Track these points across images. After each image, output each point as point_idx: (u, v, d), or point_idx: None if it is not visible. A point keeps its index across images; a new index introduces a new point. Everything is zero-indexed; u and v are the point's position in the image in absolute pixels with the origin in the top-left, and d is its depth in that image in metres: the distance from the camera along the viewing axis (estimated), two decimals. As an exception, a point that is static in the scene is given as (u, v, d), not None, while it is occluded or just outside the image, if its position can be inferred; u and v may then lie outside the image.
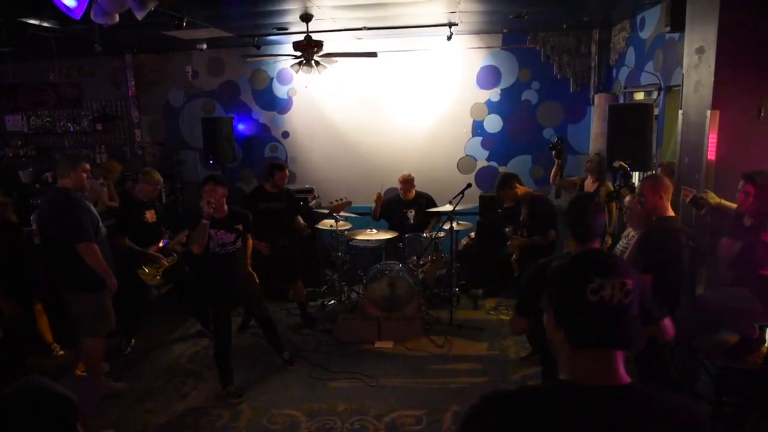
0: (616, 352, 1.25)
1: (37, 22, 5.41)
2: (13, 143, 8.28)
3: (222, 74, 7.97)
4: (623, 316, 1.22)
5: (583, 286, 1.22)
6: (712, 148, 3.88)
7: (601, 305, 1.21)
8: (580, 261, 1.28)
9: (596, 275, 1.22)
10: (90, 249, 4.11)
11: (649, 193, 3.60)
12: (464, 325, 5.86)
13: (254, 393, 4.64)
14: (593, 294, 1.21)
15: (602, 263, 1.26)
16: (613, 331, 1.22)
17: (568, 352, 1.27)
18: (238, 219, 4.62)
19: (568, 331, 1.26)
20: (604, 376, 1.24)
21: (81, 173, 4.23)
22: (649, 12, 5.75)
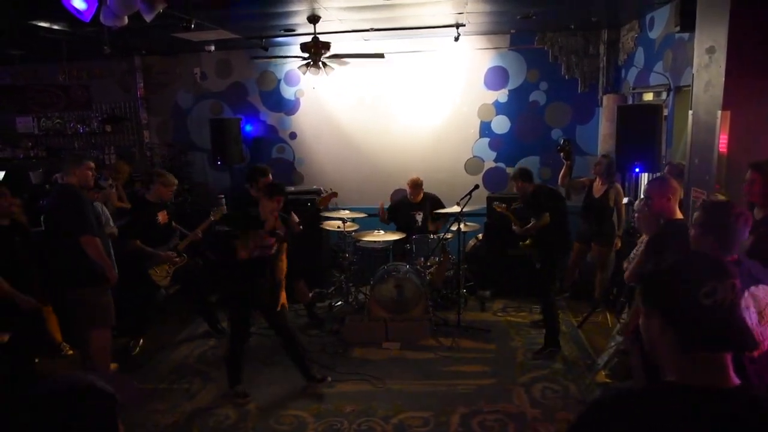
0: (726, 354, 1.24)
1: (47, 24, 5.45)
2: (24, 144, 8.35)
3: (230, 76, 8.00)
4: (735, 317, 1.22)
5: (697, 290, 1.21)
6: (722, 148, 3.84)
7: (715, 308, 1.20)
8: (691, 264, 1.29)
9: (709, 278, 1.21)
10: (93, 242, 4.22)
11: (656, 195, 3.57)
12: (472, 326, 5.84)
13: (261, 393, 4.64)
14: (707, 297, 1.20)
15: (714, 266, 1.25)
16: (728, 334, 1.22)
17: (677, 355, 1.26)
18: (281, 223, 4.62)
19: (680, 335, 1.24)
20: (717, 378, 1.23)
21: (86, 171, 4.37)
22: (658, 12, 5.71)
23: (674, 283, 1.27)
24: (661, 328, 1.28)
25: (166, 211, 5.49)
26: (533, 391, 4.59)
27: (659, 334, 1.28)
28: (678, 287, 1.26)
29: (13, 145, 8.40)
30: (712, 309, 1.20)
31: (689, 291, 1.22)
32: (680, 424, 1.19)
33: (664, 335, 1.27)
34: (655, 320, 1.29)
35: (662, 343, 1.28)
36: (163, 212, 5.46)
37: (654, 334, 1.30)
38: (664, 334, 1.27)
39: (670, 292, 1.27)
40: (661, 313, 1.28)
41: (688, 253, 1.33)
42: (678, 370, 1.27)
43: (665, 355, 1.29)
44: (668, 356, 1.29)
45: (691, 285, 1.22)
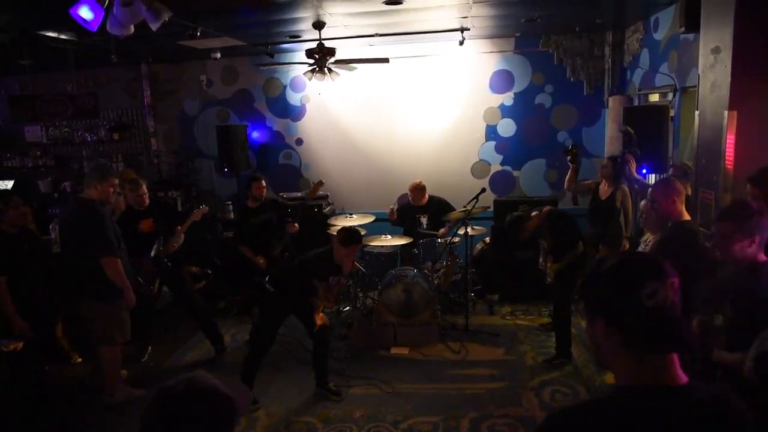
0: (673, 354, 1.24)
1: (55, 34, 5.50)
2: (33, 153, 8.42)
3: (236, 82, 8.04)
4: (676, 316, 1.22)
5: (637, 291, 1.20)
6: (729, 149, 3.83)
7: (658, 309, 1.20)
8: (629, 266, 1.27)
9: (649, 279, 1.21)
10: (113, 263, 4.16)
11: (660, 198, 3.55)
12: (480, 330, 5.83)
13: (270, 400, 4.64)
14: (649, 299, 1.20)
15: (653, 266, 1.24)
16: (673, 334, 1.22)
17: (624, 358, 1.25)
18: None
19: (626, 338, 1.24)
20: (666, 378, 1.23)
21: (108, 187, 4.26)
22: (663, 13, 5.70)
23: (615, 286, 1.25)
24: (606, 333, 1.26)
25: (152, 218, 5.28)
26: (543, 394, 4.58)
27: (604, 338, 1.27)
28: (619, 290, 1.24)
29: (21, 154, 8.47)
30: (655, 310, 1.20)
31: (631, 293, 1.21)
32: (634, 426, 1.19)
33: (610, 339, 1.26)
34: (599, 325, 1.28)
35: (608, 347, 1.27)
36: (148, 220, 5.25)
37: (599, 339, 1.29)
38: (609, 338, 1.26)
39: (611, 296, 1.26)
40: (605, 318, 1.27)
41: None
42: (626, 373, 1.26)
43: (612, 359, 1.29)
44: (615, 360, 1.28)
45: (633, 287, 1.21)
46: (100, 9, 3.37)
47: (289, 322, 6.19)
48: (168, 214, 5.51)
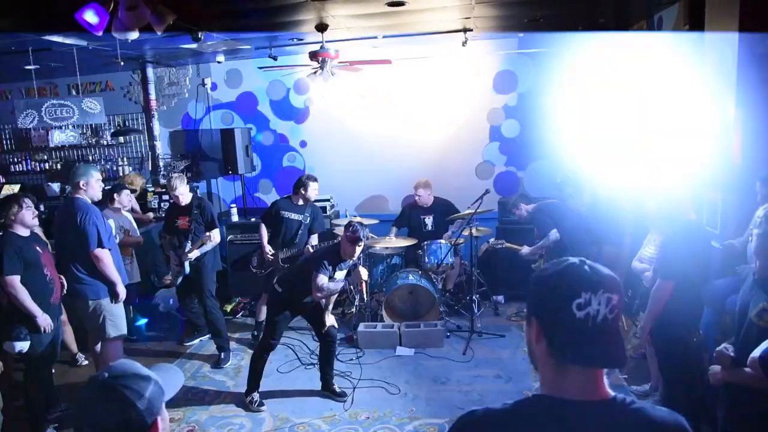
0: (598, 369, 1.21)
1: (60, 39, 5.53)
2: (39, 158, 8.47)
3: (240, 86, 8.06)
4: (608, 333, 1.17)
5: (570, 301, 1.16)
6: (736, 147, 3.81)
7: (587, 322, 1.15)
8: (567, 273, 1.21)
9: (584, 289, 1.16)
10: (103, 255, 4.27)
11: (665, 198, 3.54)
12: (485, 331, 5.81)
13: (276, 402, 4.65)
14: (579, 309, 1.16)
15: (590, 276, 1.19)
16: (600, 350, 1.17)
17: (549, 365, 1.22)
18: None
19: (553, 346, 1.20)
20: (588, 391, 1.19)
21: (94, 183, 4.40)
22: (666, 11, 5.68)
23: (551, 290, 1.21)
24: (537, 336, 1.24)
25: (189, 217, 5.47)
26: (549, 395, 4.56)
27: (535, 341, 1.25)
28: (554, 296, 1.20)
29: (28, 158, 8.53)
30: (584, 321, 1.15)
31: (563, 300, 1.17)
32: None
33: (539, 343, 1.23)
34: (534, 327, 1.25)
35: (537, 350, 1.24)
36: (185, 218, 5.47)
37: (531, 341, 1.27)
38: (539, 343, 1.23)
39: (546, 299, 1.23)
40: (537, 321, 1.24)
41: (561, 261, 1.27)
42: (548, 382, 1.23)
43: (539, 363, 1.26)
44: (541, 365, 1.25)
45: (566, 294, 1.17)
46: (105, 13, 3.39)
47: (295, 324, 6.24)
48: (202, 217, 5.56)
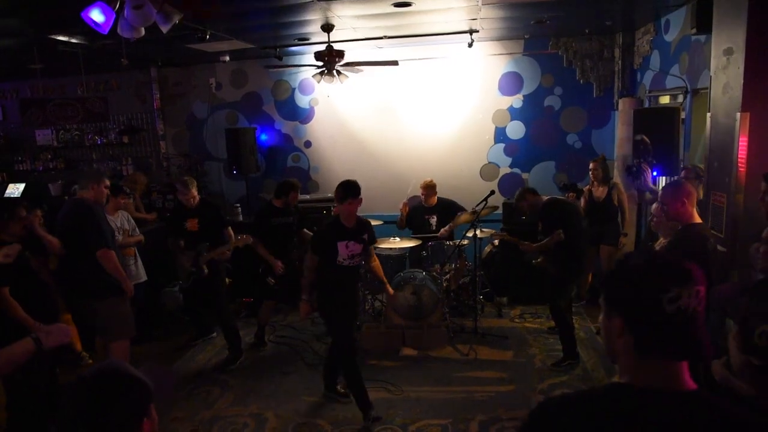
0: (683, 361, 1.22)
1: (66, 38, 5.55)
2: (43, 157, 8.50)
3: (245, 85, 8.07)
4: (696, 326, 1.19)
5: (660, 296, 1.18)
6: (742, 151, 3.79)
7: (677, 315, 1.17)
8: (656, 268, 1.23)
9: (674, 284, 1.18)
10: (109, 255, 4.28)
11: (670, 200, 3.52)
12: (489, 333, 5.80)
13: (278, 401, 4.64)
14: (670, 304, 1.17)
15: (680, 271, 1.21)
16: (688, 343, 1.19)
17: (632, 358, 1.24)
18: (363, 228, 4.31)
19: (640, 339, 1.22)
20: (671, 383, 1.21)
21: (103, 188, 4.45)
22: (673, 14, 5.67)
23: (638, 285, 1.22)
24: (621, 330, 1.25)
25: (198, 219, 5.44)
26: (552, 398, 4.54)
27: (617, 335, 1.26)
28: (642, 290, 1.21)
29: (32, 157, 8.55)
30: (674, 316, 1.17)
31: (653, 295, 1.18)
32: (628, 426, 1.17)
33: (623, 338, 1.24)
34: (616, 321, 1.26)
35: (620, 344, 1.26)
36: (194, 220, 5.43)
37: (612, 335, 1.28)
38: (623, 337, 1.24)
39: (633, 294, 1.23)
40: (623, 315, 1.25)
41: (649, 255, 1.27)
42: (631, 372, 1.25)
43: (621, 357, 1.27)
44: (625, 358, 1.26)
45: (656, 289, 1.18)
46: (112, 12, 3.39)
47: (300, 326, 6.24)
48: (213, 218, 5.54)
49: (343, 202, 4.13)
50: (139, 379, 1.45)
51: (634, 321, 1.23)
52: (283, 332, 6.13)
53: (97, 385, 1.40)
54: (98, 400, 1.38)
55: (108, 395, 1.39)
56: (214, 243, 5.41)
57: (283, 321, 6.41)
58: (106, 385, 1.40)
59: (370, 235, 4.38)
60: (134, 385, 1.43)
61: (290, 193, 5.72)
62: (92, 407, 1.37)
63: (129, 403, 1.40)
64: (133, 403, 1.41)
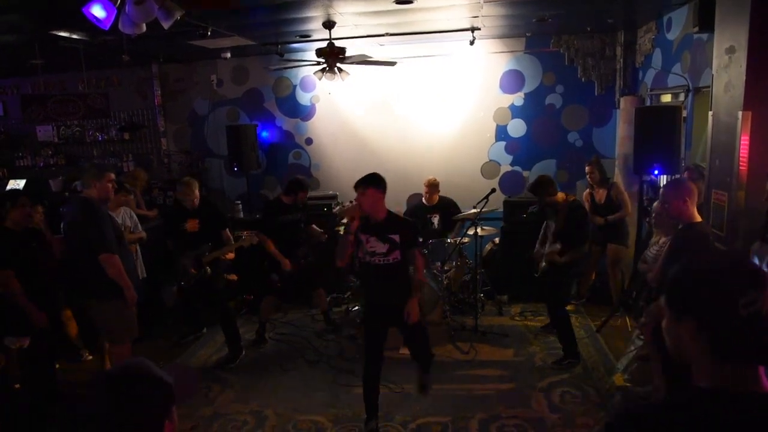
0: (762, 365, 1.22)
1: (67, 34, 5.54)
2: (44, 153, 8.50)
3: (246, 82, 8.07)
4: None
5: (736, 299, 1.17)
6: (743, 149, 3.78)
7: (753, 319, 1.16)
8: (733, 272, 1.22)
9: (750, 288, 1.17)
10: (112, 260, 4.15)
11: (672, 199, 3.52)
12: (489, 331, 5.81)
13: (279, 399, 4.65)
14: (746, 308, 1.16)
15: (754, 274, 1.20)
16: (764, 346, 1.18)
17: (710, 361, 1.22)
18: (394, 228, 3.90)
19: (715, 343, 1.21)
20: (750, 385, 1.20)
21: (106, 183, 4.27)
22: (675, 13, 5.65)
23: (712, 288, 1.21)
24: (694, 334, 1.23)
25: (198, 219, 5.39)
26: (552, 396, 4.55)
27: (690, 339, 1.24)
28: (716, 294, 1.20)
29: (33, 153, 8.55)
30: (750, 319, 1.16)
31: (728, 299, 1.17)
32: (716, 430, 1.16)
33: (697, 341, 1.23)
34: (688, 325, 1.24)
35: (694, 348, 1.24)
36: (194, 220, 5.37)
37: (683, 339, 1.26)
38: (697, 341, 1.23)
39: (706, 297, 1.22)
40: (696, 319, 1.23)
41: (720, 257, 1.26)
42: (710, 376, 1.23)
43: (696, 361, 1.25)
44: (700, 362, 1.25)
45: (731, 293, 1.18)
46: (113, 7, 3.39)
47: (300, 323, 6.25)
48: (213, 218, 5.52)
49: (356, 190, 3.92)
50: (162, 380, 1.41)
51: (709, 325, 1.22)
52: (283, 329, 6.13)
53: (121, 384, 1.37)
54: (120, 400, 1.35)
55: (130, 395, 1.36)
56: (215, 243, 5.39)
57: (284, 318, 6.42)
58: (129, 384, 1.37)
59: (403, 237, 3.88)
60: (158, 386, 1.40)
61: (300, 192, 5.72)
62: (114, 406, 1.35)
63: (151, 405, 1.38)
64: (156, 404, 1.38)
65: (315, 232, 5.94)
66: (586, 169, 6.18)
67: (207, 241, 5.37)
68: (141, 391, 1.37)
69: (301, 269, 5.68)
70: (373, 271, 3.94)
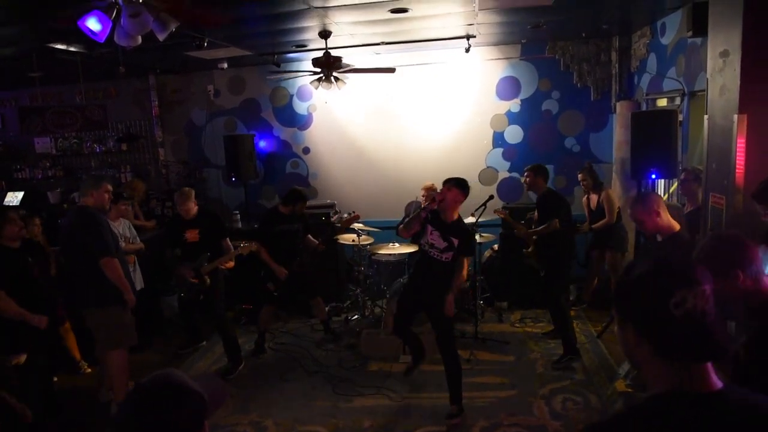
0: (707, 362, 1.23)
1: (64, 46, 5.55)
2: (42, 165, 8.50)
3: (243, 92, 8.08)
4: (709, 324, 1.19)
5: (666, 300, 1.18)
6: (740, 152, 3.79)
7: (686, 318, 1.18)
8: (658, 274, 1.24)
9: (677, 287, 1.18)
10: (112, 264, 4.23)
11: (643, 215, 3.52)
12: (489, 338, 5.79)
13: (278, 409, 4.62)
14: (677, 307, 1.17)
15: (682, 273, 1.22)
16: (705, 343, 1.19)
17: (656, 365, 1.24)
18: (457, 233, 4.29)
19: (658, 347, 1.22)
20: (700, 384, 1.21)
21: (103, 193, 4.36)
22: (669, 17, 5.68)
23: (643, 293, 1.23)
24: (636, 339, 1.25)
25: (198, 229, 5.37)
26: (554, 402, 4.53)
27: (635, 344, 1.26)
28: (647, 298, 1.22)
29: (31, 165, 8.55)
30: (684, 319, 1.17)
31: (659, 301, 1.19)
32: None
33: (641, 346, 1.24)
34: (629, 331, 1.26)
35: (639, 353, 1.26)
36: (194, 230, 5.36)
37: (630, 345, 1.28)
38: (640, 345, 1.24)
39: (639, 303, 1.24)
40: (633, 324, 1.25)
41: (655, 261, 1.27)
42: (659, 379, 1.24)
43: (645, 365, 1.27)
44: (648, 366, 1.26)
45: (660, 295, 1.19)
46: (108, 20, 3.39)
47: (300, 332, 6.23)
48: (213, 227, 5.50)
49: (444, 185, 4.37)
50: (196, 393, 1.34)
51: (645, 329, 1.23)
52: (282, 339, 6.10)
53: (154, 396, 1.30)
54: (153, 414, 1.28)
55: (164, 408, 1.29)
56: (214, 253, 5.38)
57: (283, 328, 6.39)
58: (162, 397, 1.30)
59: (460, 243, 4.27)
60: (192, 398, 1.32)
61: (298, 203, 5.72)
62: (146, 420, 1.28)
63: (185, 418, 1.30)
64: (189, 418, 1.31)
65: (311, 243, 5.92)
66: (579, 176, 6.27)
67: (206, 251, 5.35)
68: (175, 403, 1.30)
69: (296, 277, 5.67)
70: (427, 261, 4.36)
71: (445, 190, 4.30)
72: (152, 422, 1.28)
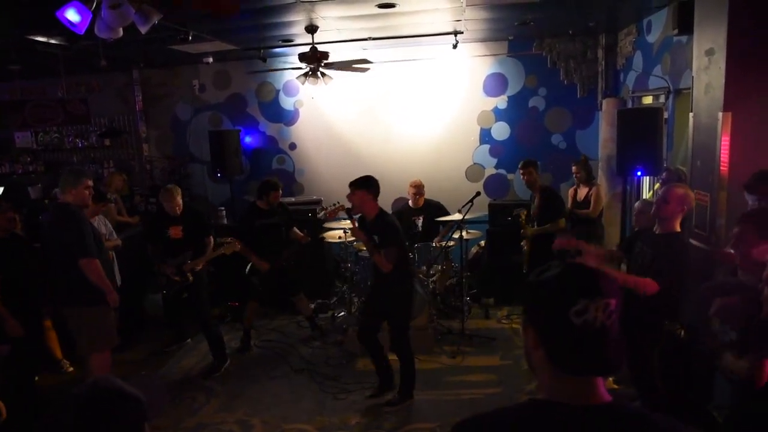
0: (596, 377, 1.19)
1: (44, 39, 5.44)
2: (22, 160, 8.36)
3: (228, 87, 8.00)
4: (606, 340, 1.14)
5: (567, 308, 1.14)
6: (724, 150, 3.82)
7: (585, 328, 1.13)
8: (565, 279, 1.18)
9: (581, 296, 1.14)
10: (92, 265, 4.10)
11: (674, 201, 3.47)
12: (476, 334, 5.79)
13: (265, 407, 4.58)
14: (577, 316, 1.13)
15: (589, 282, 1.16)
16: (597, 357, 1.15)
17: (547, 371, 1.20)
18: (376, 229, 4.35)
19: (550, 353, 1.18)
20: (585, 396, 1.18)
21: (83, 190, 4.19)
22: (655, 15, 5.70)
23: (547, 298, 1.19)
24: (534, 343, 1.22)
25: (182, 226, 5.29)
26: (540, 399, 4.53)
27: (533, 348, 1.23)
28: (550, 303, 1.18)
29: (11, 160, 8.40)
30: (582, 329, 1.13)
31: (561, 308, 1.14)
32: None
33: (538, 351, 1.21)
34: (531, 334, 1.23)
35: (536, 357, 1.23)
36: (178, 227, 5.27)
37: (528, 347, 1.25)
38: (538, 350, 1.21)
39: (541, 307, 1.20)
40: (534, 328, 1.22)
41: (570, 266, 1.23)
42: (547, 386, 1.22)
43: (538, 370, 1.24)
44: (541, 371, 1.23)
45: (563, 301, 1.14)
46: (88, 12, 3.32)
47: (286, 329, 6.19)
48: (197, 225, 5.42)
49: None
50: (134, 397, 1.33)
51: (544, 334, 1.20)
52: (268, 336, 6.06)
53: (90, 406, 1.27)
54: (91, 424, 1.26)
55: (101, 418, 1.27)
56: (197, 250, 5.32)
57: (269, 325, 6.35)
58: (99, 406, 1.28)
59: (380, 239, 4.34)
60: (129, 404, 1.31)
61: (270, 192, 5.66)
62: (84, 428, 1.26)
63: (124, 426, 1.29)
64: (128, 425, 1.30)
65: (296, 236, 5.89)
66: (573, 168, 6.26)
67: (189, 249, 5.28)
68: (112, 411, 1.29)
69: (279, 272, 5.63)
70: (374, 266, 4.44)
71: (350, 196, 4.38)
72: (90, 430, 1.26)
